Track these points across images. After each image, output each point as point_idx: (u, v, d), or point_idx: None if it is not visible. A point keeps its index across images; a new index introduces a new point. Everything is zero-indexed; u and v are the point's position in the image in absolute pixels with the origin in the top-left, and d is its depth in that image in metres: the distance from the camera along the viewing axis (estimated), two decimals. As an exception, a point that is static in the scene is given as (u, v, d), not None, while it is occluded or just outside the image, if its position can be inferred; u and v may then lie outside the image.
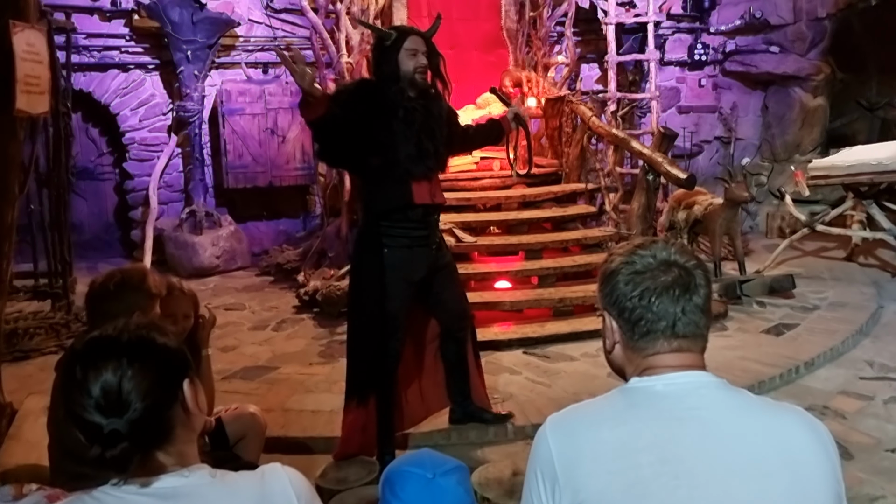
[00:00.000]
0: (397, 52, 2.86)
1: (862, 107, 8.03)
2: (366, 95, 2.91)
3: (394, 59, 2.86)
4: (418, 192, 2.87)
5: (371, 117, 2.83)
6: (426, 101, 2.94)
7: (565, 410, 1.24)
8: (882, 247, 6.27)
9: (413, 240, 2.92)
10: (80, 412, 1.09)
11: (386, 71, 2.89)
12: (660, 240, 1.26)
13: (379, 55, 2.95)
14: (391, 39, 2.88)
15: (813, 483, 1.10)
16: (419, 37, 2.92)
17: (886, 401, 3.68)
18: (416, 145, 2.86)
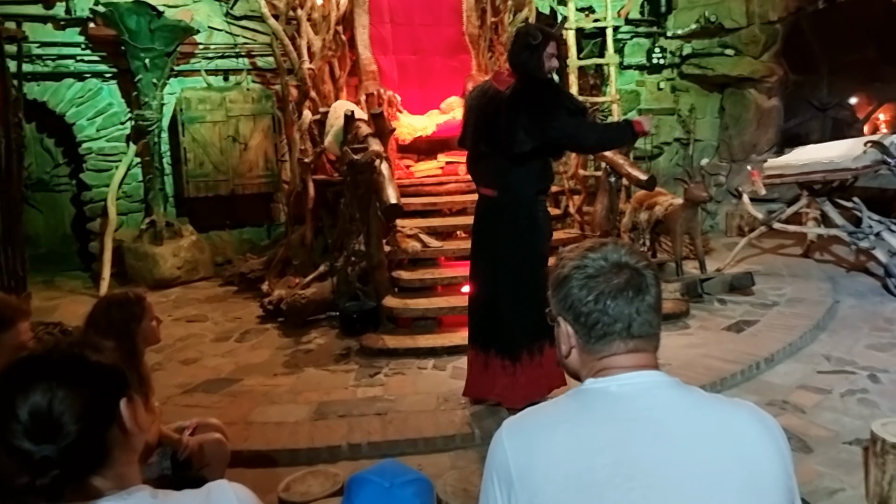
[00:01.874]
0: (543, 53, 3.27)
1: (814, 107, 8.25)
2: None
3: (541, 59, 3.27)
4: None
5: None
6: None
7: (521, 414, 1.24)
8: (836, 243, 6.44)
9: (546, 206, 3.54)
10: (9, 438, 1.02)
11: (535, 65, 3.28)
12: (609, 242, 1.27)
13: (530, 53, 3.28)
14: (539, 40, 3.27)
15: (765, 478, 1.12)
16: (555, 41, 3.37)
17: (843, 394, 3.77)
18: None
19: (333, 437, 3.37)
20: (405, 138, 5.95)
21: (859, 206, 5.75)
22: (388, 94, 5.83)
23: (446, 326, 4.82)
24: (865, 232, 5.55)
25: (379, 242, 4.94)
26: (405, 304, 4.83)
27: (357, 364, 4.39)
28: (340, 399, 3.86)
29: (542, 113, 3.23)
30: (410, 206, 5.36)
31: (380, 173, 4.59)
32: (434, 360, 4.38)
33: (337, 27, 6.11)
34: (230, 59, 7.43)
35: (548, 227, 3.51)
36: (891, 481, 2.61)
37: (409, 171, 6.11)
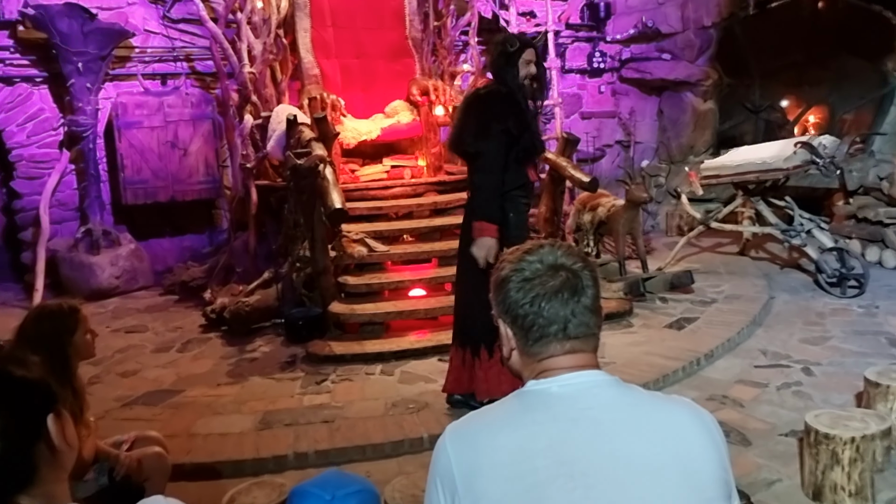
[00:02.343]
0: (518, 59, 3.37)
1: (747, 110, 8.54)
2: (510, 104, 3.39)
3: (516, 66, 3.37)
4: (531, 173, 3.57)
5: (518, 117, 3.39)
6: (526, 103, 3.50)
7: (464, 418, 1.24)
8: (770, 240, 6.67)
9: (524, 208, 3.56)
10: None
11: (509, 74, 3.40)
12: (546, 244, 1.27)
13: (506, 59, 3.41)
14: (516, 48, 3.39)
15: (703, 473, 1.14)
16: (532, 48, 3.45)
17: (779, 387, 3.90)
18: (531, 138, 3.47)
19: (279, 447, 3.31)
20: (350, 142, 5.91)
21: (791, 204, 5.97)
22: (331, 98, 5.78)
23: (394, 331, 4.80)
24: (797, 230, 5.77)
25: (324, 248, 4.88)
26: (352, 310, 4.79)
27: (303, 371, 4.33)
28: (286, 408, 3.80)
29: (485, 122, 3.35)
30: (356, 211, 5.33)
31: (324, 178, 4.55)
32: (382, 366, 4.34)
33: (278, 31, 6.02)
34: (168, 63, 7.24)
35: (518, 231, 3.45)
36: (824, 470, 2.71)
37: (355, 175, 6.06)
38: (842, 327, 4.77)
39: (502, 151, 3.36)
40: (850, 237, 6.36)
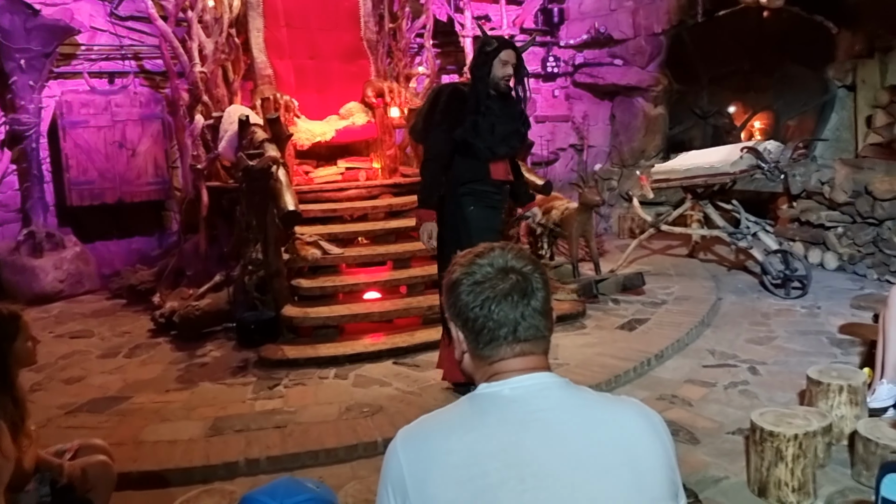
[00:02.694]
0: (493, 59, 3.46)
1: (696, 115, 8.74)
2: (460, 100, 3.49)
3: (489, 65, 3.46)
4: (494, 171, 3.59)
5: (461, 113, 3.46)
6: (504, 103, 3.56)
7: (416, 422, 1.23)
8: (718, 243, 6.84)
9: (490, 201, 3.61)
10: None
11: (480, 72, 3.50)
12: (497, 247, 1.28)
13: (481, 58, 3.52)
14: (493, 47, 3.47)
15: (650, 473, 1.16)
16: (513, 50, 3.50)
17: (727, 386, 3.99)
18: (492, 135, 3.50)
19: (230, 453, 3.25)
20: (304, 144, 5.85)
21: (738, 208, 6.13)
22: (284, 99, 5.72)
23: (348, 334, 4.76)
24: (744, 232, 5.93)
25: (277, 250, 4.82)
26: (305, 313, 4.74)
27: (255, 376, 4.26)
28: (237, 413, 3.73)
29: (431, 114, 3.54)
30: (310, 213, 5.28)
31: (277, 179, 4.49)
32: (336, 369, 4.30)
33: (230, 30, 5.93)
34: (115, 62, 7.06)
35: (479, 224, 3.51)
36: (769, 467, 2.79)
37: (309, 177, 6.01)
38: (786, 327, 4.91)
39: (444, 143, 3.49)
40: (793, 240, 6.57)
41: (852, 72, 7.16)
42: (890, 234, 5.71)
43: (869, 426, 2.91)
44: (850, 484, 2.88)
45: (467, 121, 3.49)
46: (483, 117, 3.50)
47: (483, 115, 3.50)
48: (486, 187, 3.59)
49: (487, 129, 3.52)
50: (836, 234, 6.22)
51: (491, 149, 3.56)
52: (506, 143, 3.63)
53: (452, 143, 3.49)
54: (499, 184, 3.66)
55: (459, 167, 3.56)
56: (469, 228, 3.50)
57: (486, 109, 3.50)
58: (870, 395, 3.30)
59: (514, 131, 3.67)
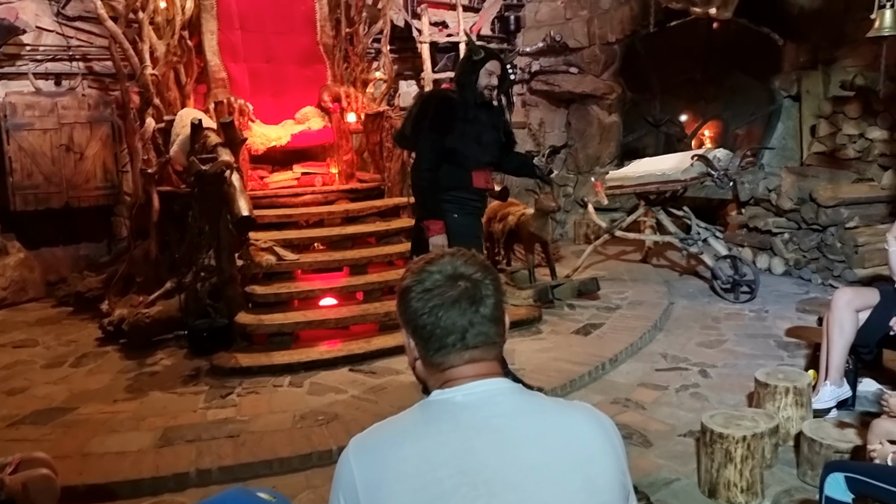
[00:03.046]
0: (479, 68, 3.50)
1: (649, 123, 8.92)
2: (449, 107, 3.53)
3: (474, 74, 3.51)
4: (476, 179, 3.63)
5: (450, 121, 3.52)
6: (487, 112, 3.61)
7: (368, 430, 1.23)
8: (670, 248, 6.98)
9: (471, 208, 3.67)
10: None
11: (467, 80, 3.54)
12: (448, 253, 1.27)
13: (468, 67, 3.57)
14: (480, 56, 3.51)
15: (601, 477, 1.17)
16: (498, 61, 3.56)
17: (678, 389, 4.07)
18: (479, 144, 3.56)
19: (180, 464, 3.17)
20: (258, 148, 5.78)
21: (689, 214, 6.27)
22: (239, 103, 5.64)
23: (304, 341, 4.71)
24: (694, 238, 6.06)
25: (230, 256, 4.74)
26: (259, 320, 4.67)
27: (207, 385, 4.17)
28: (189, 423, 3.64)
29: (418, 121, 3.58)
30: (264, 219, 5.21)
31: (230, 184, 4.41)
32: (290, 377, 4.25)
33: (183, 32, 5.82)
34: (63, 63, 6.85)
35: (460, 230, 3.54)
36: (719, 468, 2.84)
37: (263, 182, 5.93)
38: (735, 331, 5.04)
39: (431, 150, 3.53)
40: (742, 245, 6.74)
41: (797, 82, 7.39)
42: (833, 240, 5.90)
43: (813, 427, 3.00)
44: (795, 483, 2.96)
45: (456, 128, 3.51)
46: (470, 125, 3.54)
47: (470, 124, 3.54)
48: (468, 195, 3.63)
49: (474, 137, 3.56)
50: (783, 240, 6.40)
51: (476, 157, 3.61)
52: (489, 151, 3.68)
53: (442, 150, 3.53)
54: (479, 191, 3.71)
55: (443, 174, 3.59)
56: (451, 235, 3.53)
57: (474, 118, 3.55)
58: (814, 397, 3.40)
59: (495, 140, 3.71)
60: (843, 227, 5.81)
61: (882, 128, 6.24)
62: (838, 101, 6.70)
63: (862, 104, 6.38)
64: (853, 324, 3.34)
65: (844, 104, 6.56)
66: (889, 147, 6.23)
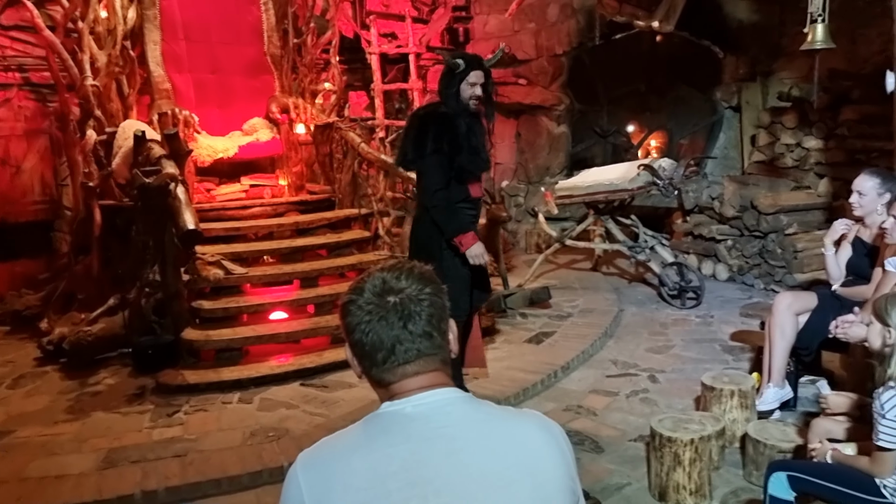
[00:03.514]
0: (461, 81, 3.46)
1: (597, 133, 9.08)
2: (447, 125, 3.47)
3: (458, 86, 3.46)
4: (473, 189, 3.61)
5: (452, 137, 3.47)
6: (471, 121, 3.56)
7: (316, 445, 1.20)
8: (619, 256, 7.10)
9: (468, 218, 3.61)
10: None
11: (450, 93, 3.49)
12: (387, 267, 1.26)
13: (449, 80, 3.51)
14: (460, 69, 3.45)
15: (551, 484, 1.17)
16: (480, 70, 3.48)
17: (628, 395, 4.13)
18: (477, 155, 3.56)
19: (124, 486, 3.07)
20: (205, 160, 5.68)
21: (636, 222, 6.40)
22: (184, 114, 5.54)
23: (253, 356, 4.62)
24: (642, 246, 6.18)
25: (176, 271, 4.63)
26: (207, 336, 4.56)
27: (153, 404, 4.06)
28: (134, 443, 3.54)
29: (421, 142, 3.49)
30: (212, 232, 5.12)
31: (175, 197, 4.32)
32: (240, 393, 4.17)
33: (125, 42, 5.69)
34: (-4, 73, 6.61)
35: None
36: (668, 472, 2.89)
37: (210, 194, 5.83)
38: (682, 336, 5.14)
39: (440, 168, 3.47)
40: (687, 252, 6.91)
41: (737, 94, 7.64)
42: (774, 247, 6.09)
43: (758, 428, 3.08)
44: (742, 484, 3.03)
45: (462, 146, 3.46)
46: (466, 139, 3.50)
47: (466, 137, 3.50)
48: (465, 205, 3.61)
49: (471, 150, 3.54)
50: (726, 247, 6.58)
51: (477, 168, 3.60)
52: (485, 161, 3.69)
53: (450, 168, 3.47)
54: (476, 201, 3.71)
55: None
56: (450, 246, 3.52)
57: (468, 130, 3.52)
58: (758, 399, 3.50)
59: (485, 149, 3.70)
60: (783, 234, 6.01)
61: (817, 137, 6.49)
62: (776, 112, 6.95)
63: (798, 114, 6.63)
64: (794, 327, 3.45)
65: (782, 115, 6.80)
66: (824, 156, 6.49)
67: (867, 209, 3.37)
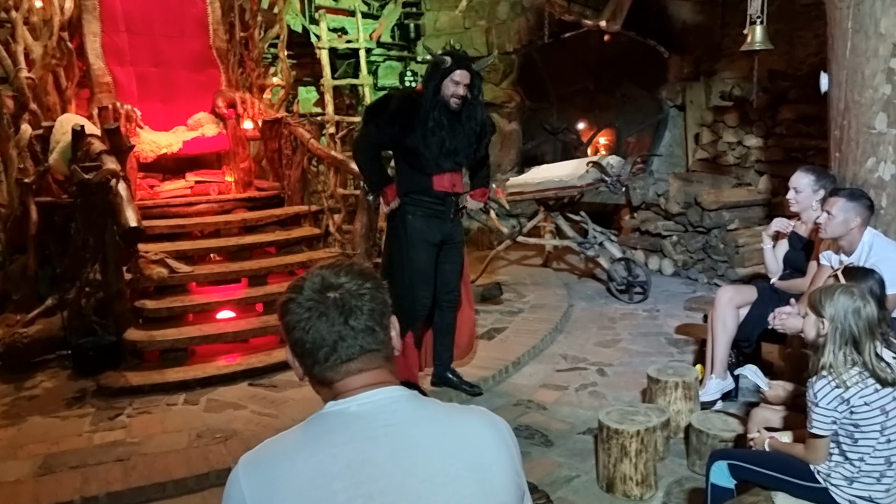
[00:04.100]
0: (444, 78, 3.47)
1: (547, 131, 9.17)
2: (410, 107, 3.54)
3: (440, 82, 3.48)
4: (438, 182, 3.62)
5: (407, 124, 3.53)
6: (456, 119, 3.56)
7: (259, 447, 1.18)
8: (569, 252, 7.19)
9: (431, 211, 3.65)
10: None
11: (430, 86, 3.52)
12: (328, 265, 1.24)
13: (431, 73, 3.55)
14: (445, 65, 3.47)
15: (496, 479, 1.17)
16: (467, 70, 3.49)
17: (577, 388, 4.19)
18: (439, 149, 3.55)
19: (63, 493, 2.97)
20: (148, 156, 5.52)
21: (586, 219, 6.49)
22: (125, 108, 5.37)
23: (200, 357, 4.52)
24: (591, 242, 6.28)
25: (118, 270, 4.49)
26: (151, 336, 4.44)
27: (94, 407, 3.93)
28: (73, 448, 3.42)
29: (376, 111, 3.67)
30: (155, 230, 4.99)
31: (116, 194, 4.19)
32: (186, 395, 4.07)
33: (62, 33, 5.46)
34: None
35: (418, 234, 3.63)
36: (615, 463, 2.94)
37: (154, 191, 5.68)
38: (629, 330, 5.25)
39: (371, 139, 3.65)
40: (635, 248, 7.04)
41: (682, 93, 7.83)
42: (717, 242, 6.26)
43: (701, 418, 3.16)
44: (686, 474, 3.11)
45: (417, 129, 3.53)
46: (432, 130, 3.52)
47: (432, 129, 3.52)
48: (428, 198, 3.63)
49: (437, 142, 3.54)
50: (672, 242, 6.74)
51: (436, 162, 3.59)
52: (452, 157, 3.63)
53: (386, 141, 3.62)
54: (441, 195, 3.67)
55: (404, 177, 3.66)
56: (408, 238, 3.60)
57: (436, 123, 3.52)
58: (701, 390, 3.59)
59: (464, 147, 3.65)
60: (725, 229, 6.18)
61: (757, 136, 6.69)
62: (718, 111, 7.13)
63: (739, 113, 6.82)
64: (734, 320, 3.55)
65: (724, 113, 6.99)
66: (764, 154, 6.69)
67: (803, 205, 3.49)
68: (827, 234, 3.04)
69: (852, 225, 2.95)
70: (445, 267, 3.78)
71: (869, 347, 2.01)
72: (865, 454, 2.02)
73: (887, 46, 3.17)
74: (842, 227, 2.97)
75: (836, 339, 2.03)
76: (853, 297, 2.04)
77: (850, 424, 2.01)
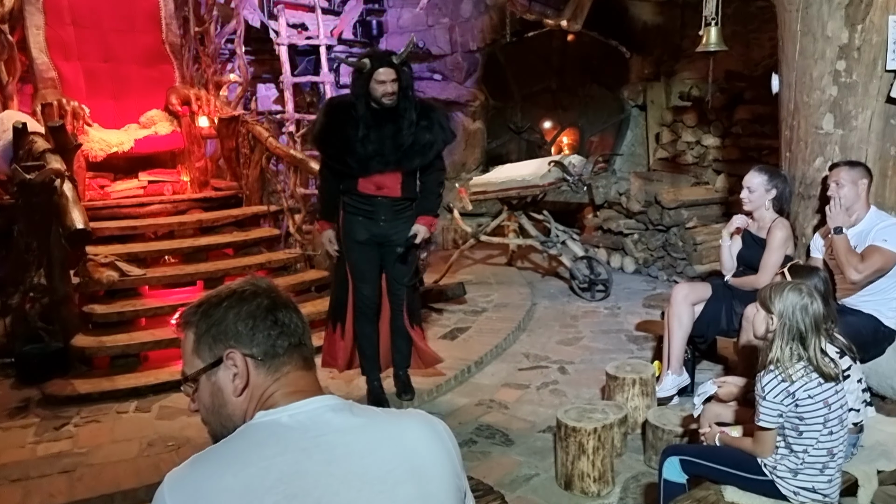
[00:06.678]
0: (369, 80, 3.41)
1: (511, 130, 9.17)
2: (339, 113, 3.55)
3: (366, 85, 3.43)
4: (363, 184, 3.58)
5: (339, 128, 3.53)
6: (389, 118, 3.49)
7: (186, 463, 1.13)
8: (533, 251, 7.18)
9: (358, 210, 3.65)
10: None
11: (356, 91, 3.50)
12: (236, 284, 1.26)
13: (355, 81, 3.52)
14: (366, 69, 3.42)
15: (435, 482, 1.15)
16: (390, 67, 3.41)
17: (539, 387, 4.17)
18: (364, 150, 3.49)
19: (2, 508, 2.85)
20: (97, 155, 5.36)
21: (548, 218, 6.49)
22: (72, 105, 5.19)
23: (153, 363, 4.40)
24: (554, 241, 6.27)
25: (64, 274, 4.33)
26: (100, 342, 4.30)
27: (38, 417, 3.78)
28: (15, 460, 3.28)
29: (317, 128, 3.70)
30: (105, 231, 4.85)
31: (61, 195, 4.04)
32: (137, 402, 3.95)
33: (2, 26, 5.26)
34: None
35: (351, 232, 3.65)
36: (573, 461, 2.92)
37: (104, 191, 5.51)
38: (591, 327, 5.25)
39: (325, 171, 3.73)
40: (597, 246, 7.06)
41: (643, 93, 7.88)
42: (676, 240, 6.31)
43: (657, 414, 3.16)
44: (643, 469, 3.11)
45: (349, 135, 3.49)
46: (357, 133, 3.47)
47: (357, 131, 3.47)
48: (357, 198, 3.61)
49: (360, 144, 3.48)
50: (633, 241, 6.77)
51: (361, 163, 3.51)
52: (379, 159, 3.51)
53: (337, 166, 3.62)
54: (368, 196, 3.60)
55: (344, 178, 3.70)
56: (343, 234, 3.68)
57: (372, 126, 3.47)
58: (658, 386, 3.59)
59: (394, 148, 3.52)
60: (684, 227, 6.23)
61: (714, 135, 6.77)
62: (678, 111, 7.20)
63: (698, 113, 6.89)
64: (690, 316, 3.56)
65: (683, 113, 7.06)
66: (721, 153, 6.77)
67: (756, 204, 3.52)
68: (841, 205, 3.10)
69: (861, 189, 3.07)
70: (388, 268, 3.75)
71: (814, 343, 2.05)
72: (809, 446, 2.05)
73: (833, 49, 3.21)
74: (853, 192, 3.09)
75: (784, 334, 2.06)
76: (801, 294, 2.07)
77: (796, 417, 2.04)
